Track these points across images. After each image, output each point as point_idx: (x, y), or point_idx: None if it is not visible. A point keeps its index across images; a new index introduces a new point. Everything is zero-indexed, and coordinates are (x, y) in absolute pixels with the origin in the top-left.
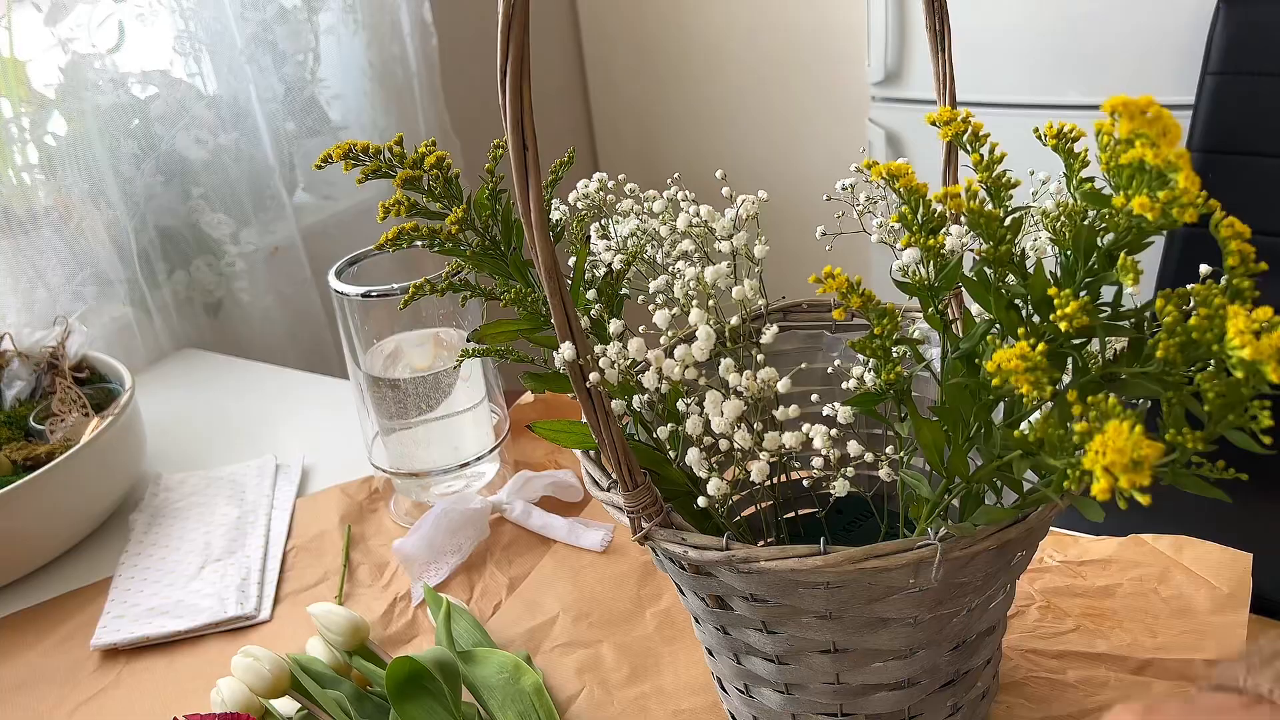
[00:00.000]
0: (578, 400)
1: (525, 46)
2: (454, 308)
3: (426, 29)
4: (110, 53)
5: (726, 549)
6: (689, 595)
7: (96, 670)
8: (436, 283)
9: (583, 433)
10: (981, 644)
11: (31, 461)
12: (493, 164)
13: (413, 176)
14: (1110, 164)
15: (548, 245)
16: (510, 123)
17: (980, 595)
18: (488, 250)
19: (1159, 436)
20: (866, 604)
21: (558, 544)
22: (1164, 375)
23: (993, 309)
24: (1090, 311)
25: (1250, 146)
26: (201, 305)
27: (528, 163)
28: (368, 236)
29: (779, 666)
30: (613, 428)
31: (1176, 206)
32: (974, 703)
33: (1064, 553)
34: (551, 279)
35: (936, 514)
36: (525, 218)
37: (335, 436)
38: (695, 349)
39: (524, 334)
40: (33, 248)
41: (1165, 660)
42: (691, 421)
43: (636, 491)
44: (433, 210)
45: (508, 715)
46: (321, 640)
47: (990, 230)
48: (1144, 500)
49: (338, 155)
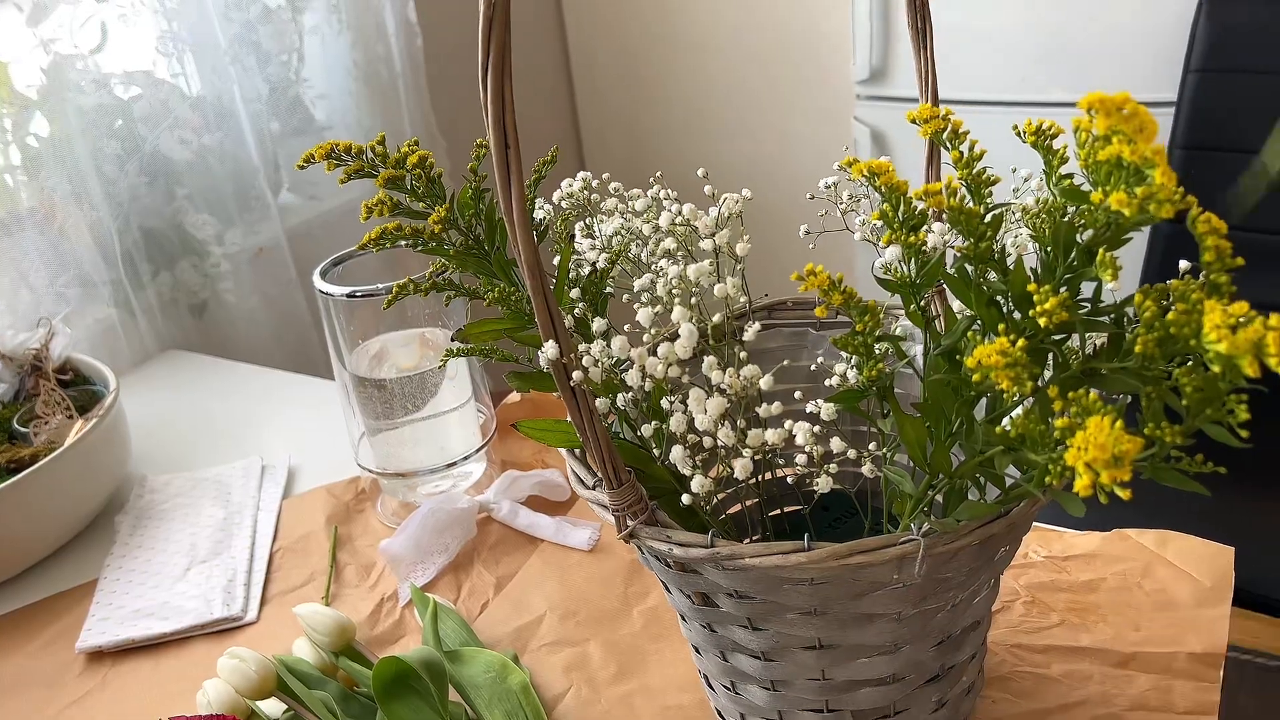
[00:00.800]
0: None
1: (506, 44)
2: (439, 308)
3: (411, 29)
4: (93, 53)
5: (711, 546)
6: (675, 593)
7: (82, 673)
8: (420, 283)
9: (568, 431)
10: (966, 639)
11: (15, 464)
12: (475, 163)
13: (395, 176)
14: (1088, 160)
15: (530, 243)
16: (492, 120)
17: (964, 590)
18: (471, 250)
19: (1138, 431)
20: (851, 599)
21: (545, 543)
22: (1143, 370)
23: (973, 305)
24: (1070, 307)
25: (1232, 143)
26: (186, 306)
27: (509, 160)
28: (353, 237)
29: (765, 663)
30: (597, 426)
31: (1154, 203)
32: (959, 697)
33: (1048, 548)
34: (534, 277)
35: (920, 510)
36: (507, 215)
37: (321, 437)
38: (678, 346)
39: (508, 333)
40: (16, 249)
41: (1149, 654)
42: (675, 419)
43: (621, 490)
44: (416, 210)
45: (495, 714)
46: (308, 641)
47: (970, 227)
48: (1125, 495)
49: (320, 155)
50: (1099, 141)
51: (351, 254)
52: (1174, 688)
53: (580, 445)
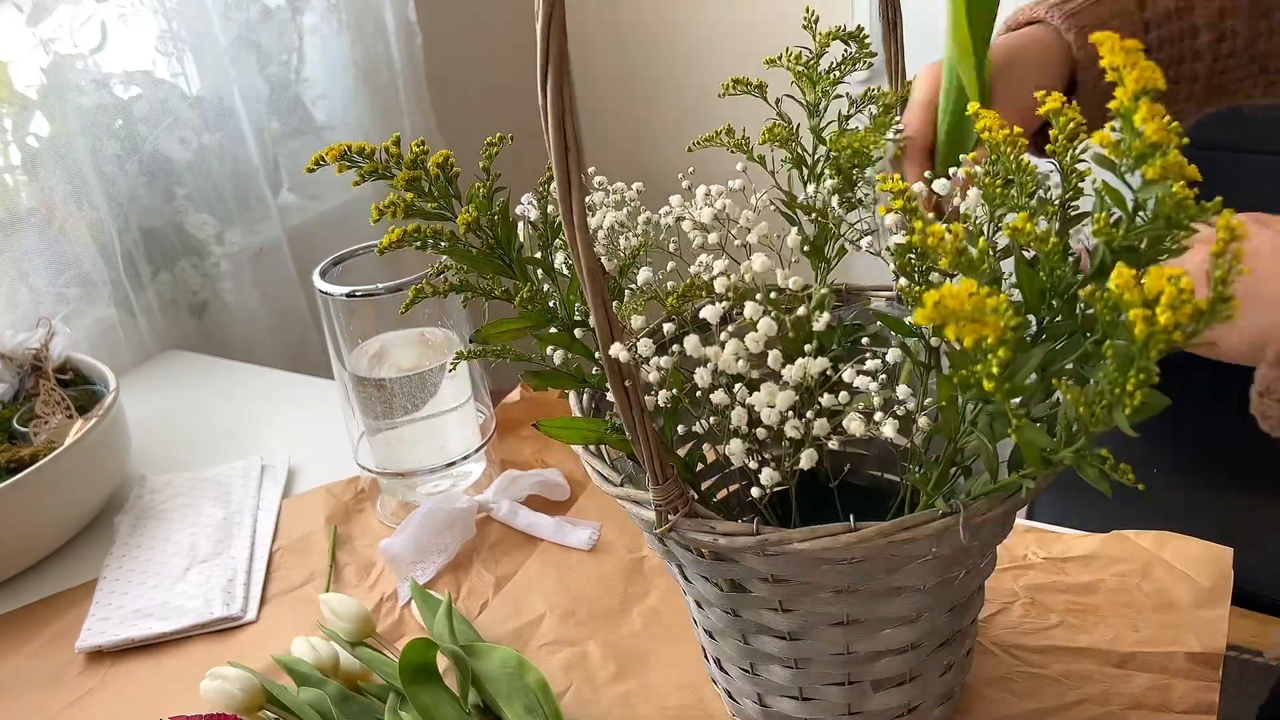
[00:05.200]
0: (567, 399)
1: (564, 45)
2: (438, 308)
3: (411, 28)
4: (93, 53)
5: (757, 534)
6: (698, 582)
7: (82, 673)
8: (438, 285)
9: (586, 428)
10: (972, 603)
11: (15, 464)
12: (487, 162)
13: (413, 177)
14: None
15: (589, 246)
16: (552, 123)
17: (984, 557)
18: (495, 251)
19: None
20: (885, 574)
21: (544, 543)
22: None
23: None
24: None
25: (1235, 145)
26: (186, 306)
27: (569, 164)
28: (353, 236)
29: (790, 643)
30: (648, 424)
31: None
32: (962, 660)
33: (1047, 549)
34: (595, 279)
35: (951, 481)
36: (566, 218)
37: (321, 437)
38: (750, 340)
39: (531, 331)
40: (15, 249)
41: (1147, 654)
42: (736, 413)
43: (666, 485)
44: (429, 211)
45: (514, 708)
46: (307, 640)
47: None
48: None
49: (331, 157)
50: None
51: (351, 253)
52: (1173, 688)
53: (599, 441)
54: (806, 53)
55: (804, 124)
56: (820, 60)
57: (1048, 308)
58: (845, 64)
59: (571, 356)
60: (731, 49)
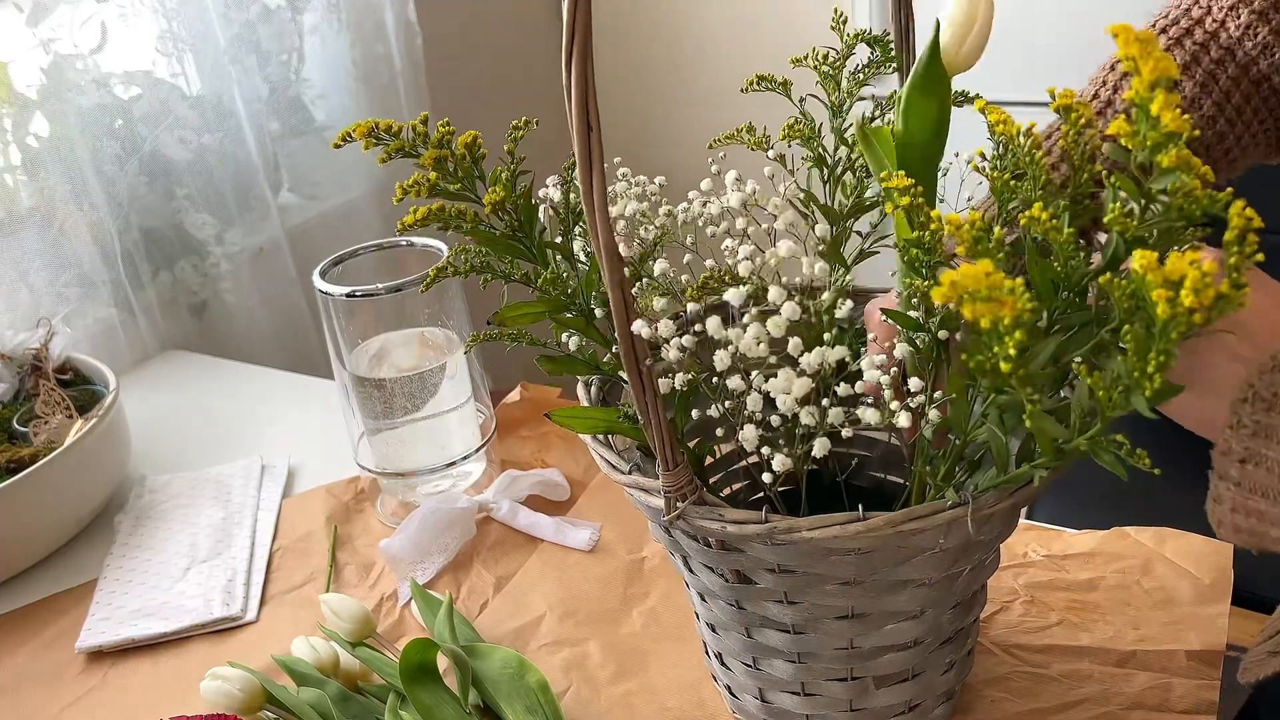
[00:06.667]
0: (574, 396)
1: (589, 27)
2: (439, 307)
3: (411, 28)
4: (92, 53)
5: (766, 521)
6: (702, 574)
7: (82, 673)
8: (459, 266)
9: (596, 417)
10: (975, 601)
11: (15, 464)
12: (512, 145)
13: (439, 157)
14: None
15: (608, 228)
16: (575, 104)
17: (989, 552)
18: (516, 233)
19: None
20: (891, 567)
21: (544, 543)
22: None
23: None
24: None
25: None
26: (186, 306)
27: (591, 144)
28: (352, 236)
29: (794, 636)
30: (660, 409)
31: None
32: (964, 659)
33: (1047, 547)
34: (613, 261)
35: (957, 475)
36: (587, 200)
37: (321, 437)
38: (771, 325)
39: (550, 315)
40: (15, 249)
41: (1148, 652)
42: (752, 399)
43: (676, 471)
44: (452, 191)
45: (515, 708)
46: (307, 640)
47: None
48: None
49: (359, 134)
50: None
51: (351, 253)
52: (1173, 686)
53: (611, 430)
54: (833, 53)
55: (824, 124)
56: (845, 62)
57: (1060, 299)
58: (870, 67)
59: (586, 343)
60: (731, 49)
